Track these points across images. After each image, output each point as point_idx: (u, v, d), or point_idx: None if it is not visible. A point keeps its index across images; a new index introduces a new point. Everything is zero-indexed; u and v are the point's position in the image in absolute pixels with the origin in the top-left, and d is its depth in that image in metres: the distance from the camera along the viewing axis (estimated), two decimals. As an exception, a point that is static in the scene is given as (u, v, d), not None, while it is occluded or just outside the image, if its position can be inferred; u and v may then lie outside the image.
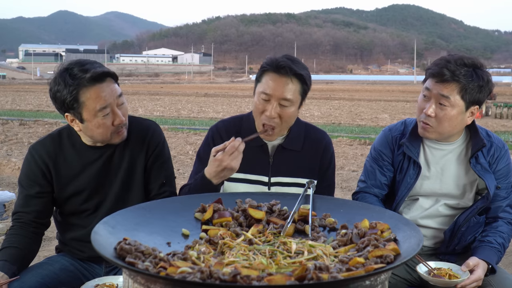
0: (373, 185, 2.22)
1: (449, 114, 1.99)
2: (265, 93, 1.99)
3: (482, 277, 1.90)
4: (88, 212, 2.08)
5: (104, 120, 1.91)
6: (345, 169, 8.53)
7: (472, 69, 1.97)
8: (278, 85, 1.97)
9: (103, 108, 1.89)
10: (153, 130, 2.13)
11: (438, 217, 2.17)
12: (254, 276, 1.08)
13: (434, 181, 2.15)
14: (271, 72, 1.99)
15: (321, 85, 66.98)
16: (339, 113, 20.98)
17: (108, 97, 1.89)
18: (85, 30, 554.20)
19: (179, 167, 8.51)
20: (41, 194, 2.03)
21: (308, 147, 2.16)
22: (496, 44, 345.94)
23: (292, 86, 1.98)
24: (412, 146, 2.14)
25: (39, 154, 2.03)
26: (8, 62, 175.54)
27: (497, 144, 2.13)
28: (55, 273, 1.99)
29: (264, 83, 2.00)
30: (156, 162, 2.11)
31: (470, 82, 1.95)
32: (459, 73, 1.94)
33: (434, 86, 2.00)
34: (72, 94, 1.85)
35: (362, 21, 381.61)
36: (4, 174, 7.93)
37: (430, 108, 2.01)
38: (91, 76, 1.85)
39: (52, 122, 15.99)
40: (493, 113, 20.26)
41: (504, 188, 2.12)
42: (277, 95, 1.98)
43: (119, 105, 1.95)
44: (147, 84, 67.32)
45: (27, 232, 1.99)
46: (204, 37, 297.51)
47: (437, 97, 1.99)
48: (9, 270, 1.83)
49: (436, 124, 2.02)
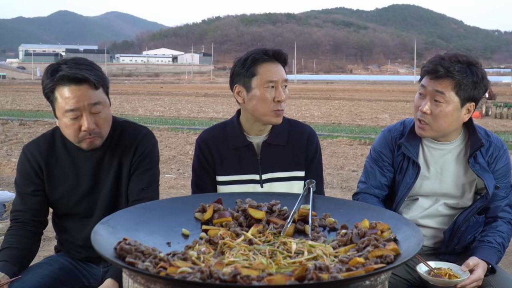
0: (373, 185, 2.22)
1: (444, 110, 2.00)
2: (272, 80, 2.09)
3: (482, 277, 1.90)
4: (81, 215, 2.08)
5: (72, 122, 1.89)
6: (345, 169, 8.53)
7: (466, 66, 1.98)
8: (279, 69, 2.12)
9: (71, 110, 1.86)
10: (142, 135, 2.09)
11: (437, 217, 2.17)
12: (254, 276, 1.08)
13: (434, 181, 2.15)
14: (267, 62, 2.10)
15: (321, 85, 66.97)
16: (339, 113, 20.98)
17: (79, 101, 1.85)
18: (85, 30, 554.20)
19: (179, 167, 8.51)
20: (37, 192, 2.03)
21: (293, 140, 2.22)
22: (496, 44, 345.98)
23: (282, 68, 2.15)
24: (411, 146, 2.14)
25: (32, 153, 2.04)
26: (8, 62, 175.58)
27: (496, 144, 2.13)
28: (55, 272, 1.99)
29: (267, 72, 2.09)
30: (139, 168, 2.06)
31: (464, 78, 1.96)
32: (453, 69, 1.96)
33: (429, 82, 2.01)
34: (49, 87, 1.89)
35: (362, 21, 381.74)
36: (4, 174, 7.94)
37: (426, 105, 2.02)
38: (68, 76, 1.84)
39: (52, 122, 15.98)
40: (493, 113, 20.25)
41: (503, 188, 2.12)
42: (282, 78, 2.12)
43: (93, 113, 1.90)
44: (147, 84, 67.29)
45: (26, 232, 1.99)
46: (204, 37, 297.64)
47: (432, 93, 2.00)
48: (9, 270, 1.83)
49: (432, 121, 2.03)
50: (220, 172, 2.19)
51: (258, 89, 2.08)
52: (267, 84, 2.07)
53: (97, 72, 1.92)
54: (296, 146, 2.22)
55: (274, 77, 2.07)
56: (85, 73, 1.86)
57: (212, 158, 2.19)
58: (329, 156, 9.76)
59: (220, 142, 2.20)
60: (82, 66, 1.89)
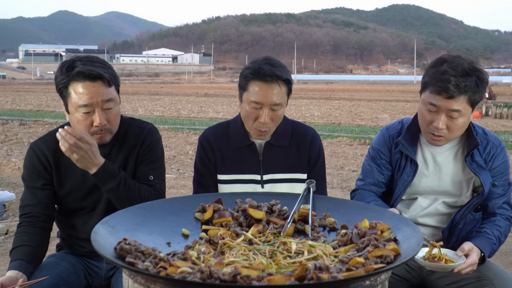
0: (370, 183, 2.23)
1: (460, 123, 2.00)
2: (256, 102, 2.02)
3: (477, 262, 1.92)
4: (87, 210, 2.10)
5: (84, 117, 1.94)
6: (345, 169, 8.54)
7: (476, 77, 1.94)
8: (267, 93, 2.01)
9: (84, 106, 1.92)
10: (148, 130, 2.15)
11: (437, 216, 2.18)
12: (254, 276, 1.08)
13: (432, 179, 2.17)
14: (257, 81, 2.02)
15: (321, 85, 67.03)
16: (339, 113, 20.99)
17: (93, 97, 1.91)
18: (85, 30, 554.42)
19: (179, 167, 8.51)
20: (46, 186, 2.05)
21: (296, 142, 2.21)
22: (496, 44, 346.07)
23: (280, 91, 2.03)
24: (408, 144, 2.15)
25: (40, 149, 2.06)
26: (8, 62, 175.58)
27: (493, 142, 2.14)
28: (64, 272, 2.01)
29: (252, 92, 2.03)
30: (146, 159, 2.11)
31: (477, 91, 1.94)
32: (465, 85, 1.91)
33: (442, 102, 1.95)
34: (63, 82, 1.93)
35: (362, 21, 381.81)
36: (4, 174, 7.94)
37: (441, 122, 1.98)
38: (83, 72, 1.90)
39: (52, 122, 16.00)
40: (493, 113, 20.27)
41: (500, 186, 2.14)
42: (269, 102, 2.02)
43: (105, 109, 1.96)
44: (147, 84, 67.36)
45: (37, 229, 2.00)
46: (204, 37, 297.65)
47: (447, 111, 1.97)
48: (26, 269, 1.85)
49: (447, 134, 2.03)
50: (222, 170, 2.19)
51: (246, 104, 2.06)
52: (252, 103, 2.04)
53: (110, 70, 1.98)
54: (298, 148, 2.21)
55: (260, 99, 2.01)
56: (100, 70, 1.93)
57: (214, 156, 2.19)
58: (329, 156, 9.76)
59: (222, 140, 2.20)
60: (96, 64, 1.95)
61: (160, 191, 2.09)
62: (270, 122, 2.06)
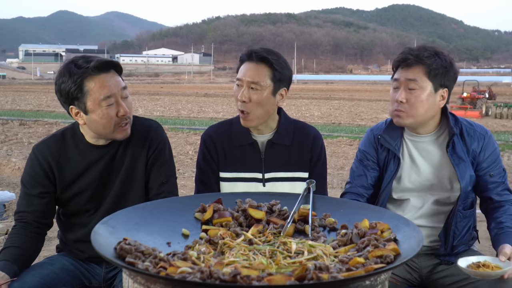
0: (358, 185, 2.23)
1: (419, 96, 2.04)
2: (238, 78, 2.12)
3: None
4: (91, 212, 2.08)
5: (108, 110, 1.92)
6: (345, 169, 8.53)
7: (434, 52, 2.07)
8: (247, 70, 2.09)
9: (107, 97, 1.90)
10: (155, 129, 2.14)
11: (432, 216, 2.17)
12: (254, 276, 1.08)
13: (418, 173, 2.16)
14: (245, 61, 2.12)
15: (321, 85, 67.03)
16: (339, 113, 20.99)
17: (113, 87, 1.92)
18: (85, 30, 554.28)
19: (179, 167, 8.51)
20: (44, 194, 2.02)
21: (298, 141, 2.22)
22: (496, 44, 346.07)
23: (260, 70, 2.08)
24: (391, 138, 2.17)
25: (42, 154, 2.02)
26: (8, 62, 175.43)
27: (480, 132, 2.15)
28: (55, 272, 1.98)
29: (239, 71, 2.13)
30: (157, 161, 2.10)
31: (434, 62, 2.03)
32: (422, 55, 2.04)
33: (401, 73, 2.08)
34: (76, 83, 1.88)
35: (362, 21, 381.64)
36: (4, 174, 7.93)
37: (401, 95, 2.06)
38: (95, 65, 1.89)
39: (52, 122, 16.00)
40: (493, 113, 20.28)
41: (496, 174, 2.14)
42: (246, 79, 2.08)
43: (124, 97, 1.97)
44: (147, 84, 67.33)
45: (30, 232, 1.98)
46: (204, 37, 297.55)
47: (406, 83, 2.06)
48: (10, 270, 1.82)
49: (408, 109, 2.06)
50: (224, 168, 2.19)
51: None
52: (236, 81, 2.13)
53: (112, 59, 2.00)
54: (300, 147, 2.21)
55: (240, 75, 2.11)
56: (108, 59, 1.95)
57: (216, 154, 2.20)
58: (329, 156, 9.76)
59: (225, 138, 2.21)
60: (97, 57, 1.95)
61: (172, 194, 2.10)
62: (248, 101, 2.07)
